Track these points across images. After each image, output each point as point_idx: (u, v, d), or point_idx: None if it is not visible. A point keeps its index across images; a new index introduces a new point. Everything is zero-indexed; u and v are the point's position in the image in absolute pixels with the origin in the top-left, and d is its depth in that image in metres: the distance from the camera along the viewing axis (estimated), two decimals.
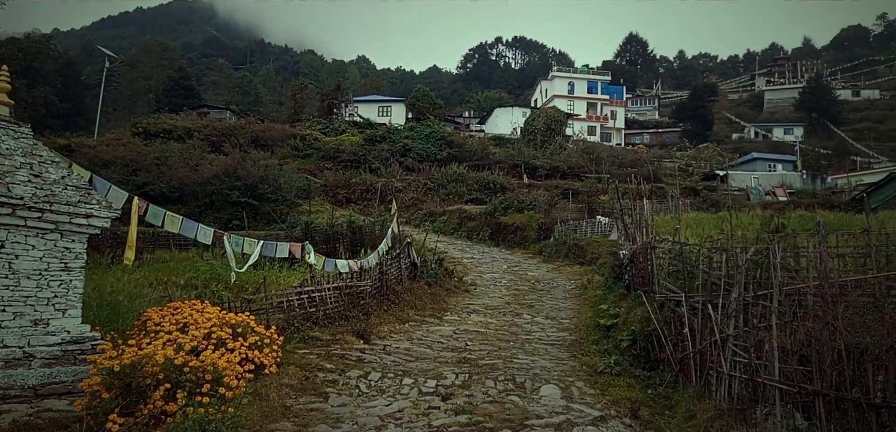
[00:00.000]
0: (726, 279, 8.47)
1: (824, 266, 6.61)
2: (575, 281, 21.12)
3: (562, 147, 64.01)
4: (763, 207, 32.08)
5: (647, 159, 60.97)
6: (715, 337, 7.98)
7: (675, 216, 19.69)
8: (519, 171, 54.04)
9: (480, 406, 7.89)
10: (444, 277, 18.71)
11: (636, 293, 12.38)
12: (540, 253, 29.49)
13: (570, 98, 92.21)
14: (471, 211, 39.67)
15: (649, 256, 12.12)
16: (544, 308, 16.20)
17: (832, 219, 23.40)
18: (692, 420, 7.32)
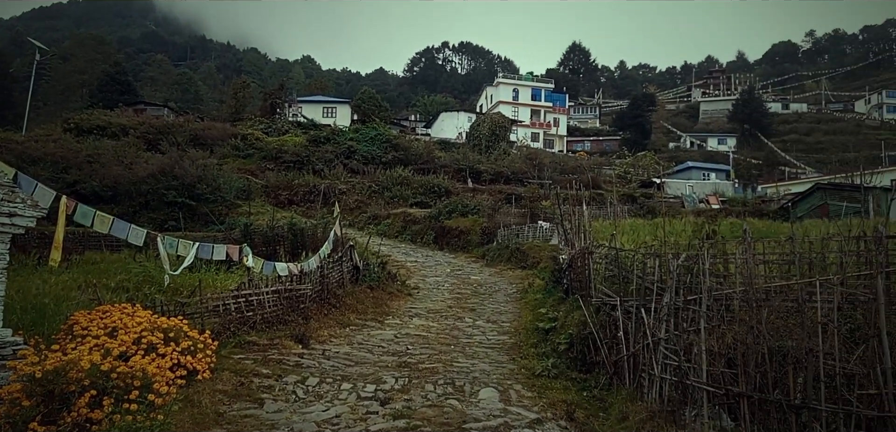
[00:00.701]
0: (659, 284, 8.73)
1: (750, 272, 6.90)
2: (516, 285, 21.36)
3: (506, 152, 64.78)
4: (697, 214, 33.17)
5: (587, 166, 62.34)
6: (647, 340, 8.21)
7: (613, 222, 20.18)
8: (464, 176, 54.38)
9: (419, 410, 7.88)
10: (387, 281, 18.63)
11: (574, 297, 12.63)
12: (483, 257, 29.72)
13: (515, 104, 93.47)
14: (415, 214, 39.67)
15: (587, 261, 12.37)
16: (486, 311, 16.32)
17: (761, 226, 24.48)
18: (625, 421, 7.51)
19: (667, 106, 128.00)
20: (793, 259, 9.72)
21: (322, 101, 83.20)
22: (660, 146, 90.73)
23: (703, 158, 79.70)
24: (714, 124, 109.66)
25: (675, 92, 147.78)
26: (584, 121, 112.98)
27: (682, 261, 8.58)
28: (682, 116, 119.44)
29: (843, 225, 13.37)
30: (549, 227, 30.32)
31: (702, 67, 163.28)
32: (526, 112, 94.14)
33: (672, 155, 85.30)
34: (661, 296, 8.42)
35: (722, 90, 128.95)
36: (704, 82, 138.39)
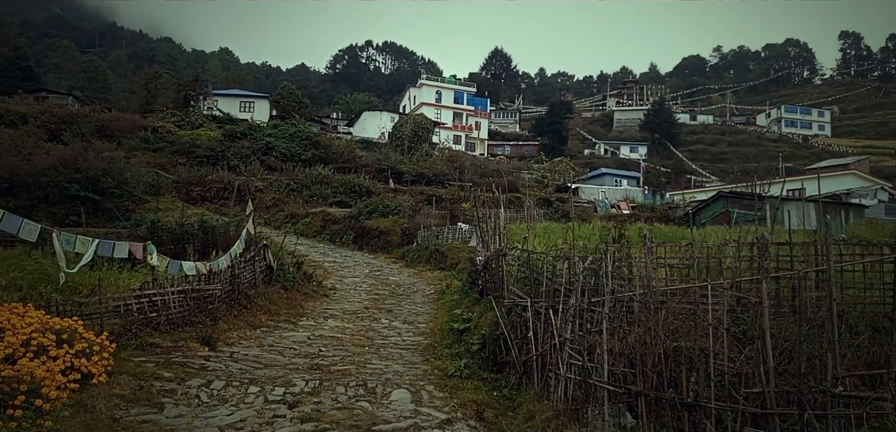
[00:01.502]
0: (567, 286, 8.99)
1: (649, 276, 7.20)
2: (435, 285, 21.47)
3: (428, 154, 65.06)
4: (608, 219, 34.40)
5: (507, 170, 63.47)
6: (555, 340, 8.43)
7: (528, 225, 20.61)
8: (385, 176, 54.18)
9: (328, 412, 7.78)
10: (303, 281, 18.29)
11: (488, 298, 12.82)
12: (403, 257, 29.69)
13: (438, 106, 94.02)
14: (335, 213, 39.17)
15: (500, 263, 12.59)
16: (403, 312, 16.31)
17: (667, 232, 25.65)
18: (531, 420, 7.68)
19: (583, 113, 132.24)
20: (692, 263, 10.25)
21: (239, 94, 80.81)
22: (576, 152, 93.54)
23: (616, 165, 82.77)
24: (627, 133, 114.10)
25: (592, 100, 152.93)
26: (505, 125, 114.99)
27: (588, 263, 8.87)
28: (598, 124, 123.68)
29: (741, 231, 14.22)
30: (469, 229, 30.65)
31: (617, 77, 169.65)
32: (448, 114, 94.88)
33: (587, 161, 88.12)
34: (569, 298, 8.69)
35: (635, 100, 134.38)
36: (619, 92, 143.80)
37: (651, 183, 71.78)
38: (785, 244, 10.40)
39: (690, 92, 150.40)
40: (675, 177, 77.91)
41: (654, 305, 6.53)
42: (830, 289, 4.97)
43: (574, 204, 47.77)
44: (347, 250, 31.95)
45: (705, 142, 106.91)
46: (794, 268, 9.79)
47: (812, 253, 10.60)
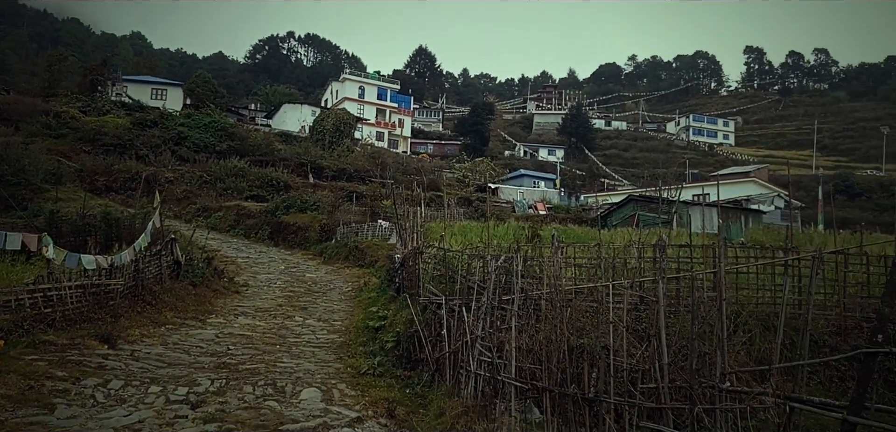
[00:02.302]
0: (480, 284, 9.12)
1: (556, 275, 7.40)
2: (353, 283, 21.26)
3: (350, 149, 64.33)
4: (525, 219, 35.11)
5: (429, 168, 63.69)
6: (467, 338, 8.54)
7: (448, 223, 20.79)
8: (305, 171, 53.18)
9: (234, 412, 7.57)
10: (213, 277, 17.69)
11: (404, 295, 12.82)
12: (321, 254, 29.24)
13: (361, 102, 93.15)
14: (250, 208, 38.09)
15: (417, 260, 12.62)
16: (318, 310, 16.07)
17: (580, 232, 26.41)
18: (442, 417, 7.74)
19: (504, 115, 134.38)
20: (599, 263, 10.63)
21: (151, 81, 77.20)
22: (496, 153, 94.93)
23: (535, 167, 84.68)
24: (545, 136, 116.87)
25: (513, 103, 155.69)
26: (428, 124, 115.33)
27: (500, 262, 9.03)
28: (518, 126, 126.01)
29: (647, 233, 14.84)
30: (389, 226, 30.53)
31: (537, 82, 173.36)
32: (371, 110, 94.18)
33: (507, 162, 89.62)
34: (482, 296, 8.81)
35: (554, 104, 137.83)
36: (539, 96, 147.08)
37: (567, 185, 73.81)
38: (685, 246, 10.95)
39: (606, 98, 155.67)
40: (590, 180, 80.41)
41: (560, 304, 6.71)
42: (721, 289, 5.27)
43: (493, 204, 48.51)
44: (263, 246, 31.16)
45: (619, 147, 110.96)
46: (693, 269, 10.32)
47: (709, 255, 11.22)
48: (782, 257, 10.25)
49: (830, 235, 17.99)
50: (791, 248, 9.87)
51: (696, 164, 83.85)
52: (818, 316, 10.39)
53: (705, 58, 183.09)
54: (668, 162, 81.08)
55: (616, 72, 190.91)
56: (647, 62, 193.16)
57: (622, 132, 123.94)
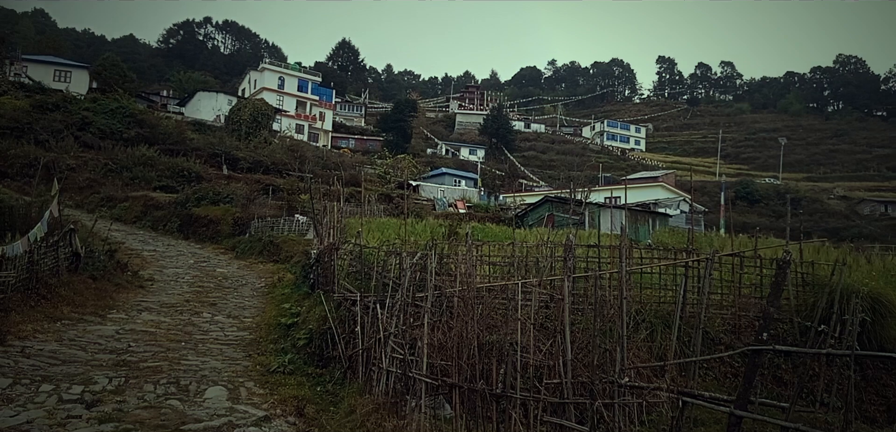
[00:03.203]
0: (395, 281, 9.10)
1: (469, 272, 7.48)
2: (266, 279, 20.74)
3: (267, 141, 62.69)
4: (445, 217, 35.34)
5: (350, 163, 63.01)
6: (380, 335, 8.51)
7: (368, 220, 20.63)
8: (219, 162, 51.44)
9: (132, 412, 7.22)
10: (115, 270, 16.82)
11: (319, 292, 12.63)
12: (233, 249, 28.37)
13: (280, 93, 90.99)
14: (159, 199, 36.47)
15: (333, 256, 12.46)
16: (228, 306, 15.57)
17: (498, 231, 26.81)
18: (352, 415, 7.68)
19: (427, 113, 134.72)
20: (512, 261, 10.83)
21: (54, 62, 72.58)
22: (419, 151, 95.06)
23: (456, 166, 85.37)
24: (467, 135, 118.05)
25: (436, 101, 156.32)
26: (350, 119, 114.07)
27: (416, 259, 9.04)
28: (440, 125, 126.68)
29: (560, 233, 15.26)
30: (306, 221, 29.97)
31: (460, 81, 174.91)
32: (291, 102, 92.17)
33: (429, 160, 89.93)
34: (396, 293, 8.80)
35: (476, 105, 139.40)
36: (461, 96, 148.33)
37: (487, 184, 74.83)
38: (593, 246, 11.33)
39: (526, 101, 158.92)
40: (509, 180, 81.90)
41: (471, 301, 6.79)
42: (622, 288, 5.47)
43: (414, 201, 48.52)
44: (171, 239, 29.91)
45: (537, 149, 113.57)
46: (599, 268, 10.69)
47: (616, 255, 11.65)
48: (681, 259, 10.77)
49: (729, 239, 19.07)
50: (691, 250, 10.38)
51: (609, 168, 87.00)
52: (715, 315, 11.00)
53: (621, 66, 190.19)
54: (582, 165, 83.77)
55: (536, 75, 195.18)
56: (566, 67, 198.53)
57: (541, 134, 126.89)
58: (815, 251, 14.83)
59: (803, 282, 11.55)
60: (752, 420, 4.68)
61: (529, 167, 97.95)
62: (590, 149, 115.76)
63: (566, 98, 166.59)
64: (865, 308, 10.64)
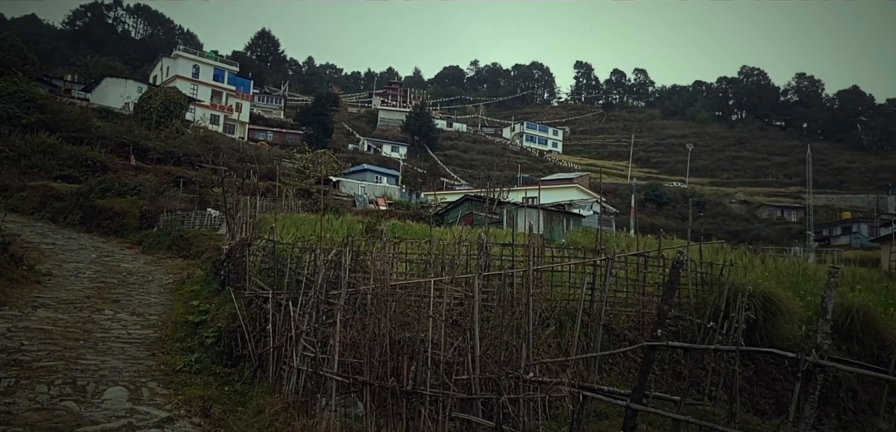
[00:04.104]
0: (308, 277, 8.99)
1: (382, 269, 7.49)
2: (175, 275, 19.97)
3: (180, 132, 60.21)
4: (365, 214, 35.15)
5: (267, 156, 61.49)
6: (292, 333, 8.38)
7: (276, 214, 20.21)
8: (127, 151, 49.04)
9: (22, 415, 6.82)
10: (9, 264, 15.71)
11: (229, 289, 12.29)
12: (140, 243, 27.15)
13: (195, 82, 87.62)
14: (60, 189, 34.38)
15: (245, 252, 12.15)
16: (132, 303, 14.88)
17: (418, 229, 26.90)
18: (260, 414, 7.54)
19: (349, 108, 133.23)
20: (430, 259, 10.91)
21: None
22: (340, 146, 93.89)
23: (378, 163, 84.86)
24: (390, 132, 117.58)
25: (358, 96, 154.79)
26: (269, 111, 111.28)
27: (331, 256, 8.96)
28: (363, 120, 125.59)
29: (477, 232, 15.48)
30: (219, 216, 29.05)
31: (383, 77, 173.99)
32: (206, 92, 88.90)
33: (350, 156, 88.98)
34: (310, 290, 8.69)
35: (399, 102, 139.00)
36: (384, 92, 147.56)
37: (409, 182, 74.83)
38: (508, 245, 11.58)
39: (449, 100, 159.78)
40: (431, 178, 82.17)
41: (385, 298, 6.80)
42: (529, 286, 5.63)
43: (334, 197, 47.97)
44: (73, 232, 28.27)
45: (459, 148, 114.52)
46: (514, 266, 10.93)
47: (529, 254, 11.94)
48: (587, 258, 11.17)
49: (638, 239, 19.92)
50: (599, 250, 10.79)
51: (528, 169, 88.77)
52: (621, 312, 11.48)
53: (540, 69, 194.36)
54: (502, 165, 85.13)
55: (459, 75, 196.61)
56: (488, 68, 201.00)
57: (463, 134, 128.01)
58: (714, 252, 15.73)
59: (702, 281, 12.23)
60: (647, 412, 4.92)
61: (451, 166, 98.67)
62: (510, 150, 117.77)
63: (488, 99, 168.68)
64: (758, 306, 11.41)
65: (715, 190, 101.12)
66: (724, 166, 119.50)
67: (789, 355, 4.37)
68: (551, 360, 6.54)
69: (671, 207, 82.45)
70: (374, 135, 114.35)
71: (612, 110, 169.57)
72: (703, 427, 4.38)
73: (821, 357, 4.27)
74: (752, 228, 78.60)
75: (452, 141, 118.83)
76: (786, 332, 11.43)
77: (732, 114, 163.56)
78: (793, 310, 11.65)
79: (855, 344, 12.14)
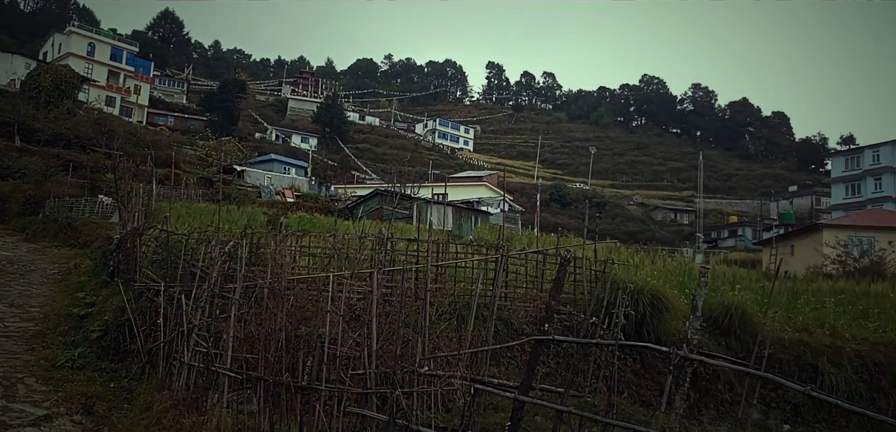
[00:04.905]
0: (203, 270, 8.70)
1: (281, 263, 7.37)
2: (60, 265, 18.76)
3: (71, 113, 56.47)
4: (271, 205, 34.31)
5: (168, 143, 58.76)
6: (184, 327, 8.10)
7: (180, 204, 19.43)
8: (11, 132, 45.53)
9: None
10: None
11: (118, 281, 11.69)
12: (23, 230, 25.35)
13: (90, 61, 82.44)
14: None
15: (136, 242, 11.59)
16: (11, 294, 13.85)
17: (326, 222, 26.55)
18: (148, 411, 7.25)
19: (257, 96, 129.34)
20: (333, 252, 10.81)
21: None
22: (246, 134, 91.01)
23: (286, 153, 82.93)
24: (300, 122, 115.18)
25: (267, 84, 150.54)
26: (170, 95, 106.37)
27: (227, 248, 8.71)
28: (271, 109, 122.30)
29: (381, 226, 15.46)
30: (112, 203, 27.51)
31: (294, 66, 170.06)
32: (103, 72, 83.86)
33: (257, 145, 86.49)
34: (205, 283, 8.41)
35: (310, 92, 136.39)
36: (295, 81, 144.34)
37: (318, 174, 73.63)
38: (413, 240, 11.66)
39: (362, 93, 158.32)
40: (342, 171, 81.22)
41: (281, 292, 6.70)
42: (426, 281, 5.71)
43: (238, 187, 46.50)
44: None
45: (371, 142, 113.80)
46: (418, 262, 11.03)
47: (435, 249, 12.08)
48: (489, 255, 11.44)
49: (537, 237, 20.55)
50: (501, 247, 11.06)
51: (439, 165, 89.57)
52: (520, 307, 11.82)
53: (454, 67, 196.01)
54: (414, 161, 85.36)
55: (373, 68, 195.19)
56: (403, 63, 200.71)
57: (375, 128, 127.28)
58: (608, 251, 16.47)
59: (596, 278, 12.77)
60: (534, 404, 5.11)
61: (363, 159, 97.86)
62: (422, 146, 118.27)
63: (401, 93, 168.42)
64: (646, 303, 12.06)
65: (615, 192, 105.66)
66: (624, 170, 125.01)
67: (662, 349, 4.69)
68: (446, 354, 6.67)
69: (574, 207, 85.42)
70: (284, 124, 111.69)
71: (522, 111, 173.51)
72: (584, 417, 4.62)
73: (690, 351, 4.60)
74: (648, 229, 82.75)
75: (365, 134, 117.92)
76: (671, 328, 12.13)
77: (633, 120, 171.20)
78: (678, 307, 12.35)
79: (733, 340, 13.04)
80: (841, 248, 33.13)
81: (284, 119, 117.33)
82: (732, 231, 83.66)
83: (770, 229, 70.87)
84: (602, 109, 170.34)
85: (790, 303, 16.29)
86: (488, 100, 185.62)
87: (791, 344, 13.16)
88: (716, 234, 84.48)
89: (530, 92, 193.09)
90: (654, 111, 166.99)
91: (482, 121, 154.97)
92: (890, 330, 14.24)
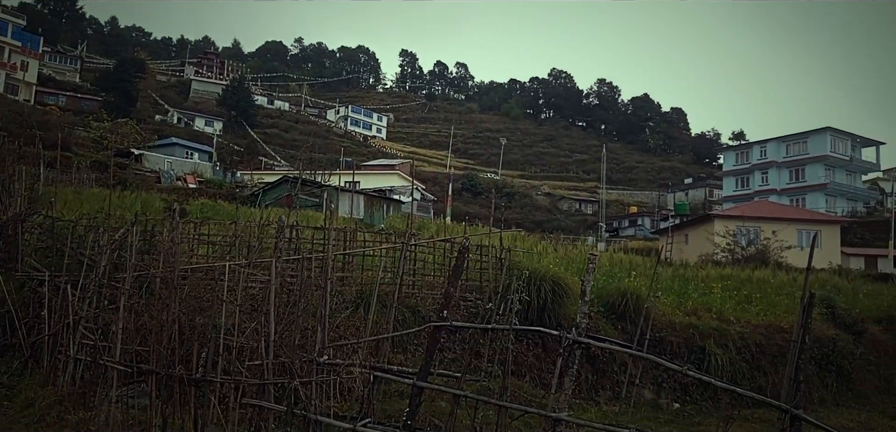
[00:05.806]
0: (91, 259, 8.26)
1: (173, 252, 7.11)
2: None
3: None
4: (172, 191, 32.87)
5: (58, 123, 54.93)
6: (70, 319, 7.67)
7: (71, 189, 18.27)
8: None
9: None
10: None
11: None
12: None
13: None
14: None
15: (18, 229, 10.83)
16: None
17: (230, 209, 25.70)
18: (30, 408, 6.85)
19: (158, 76, 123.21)
20: (234, 241, 10.51)
21: None
22: (145, 116, 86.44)
23: (189, 137, 79.44)
24: (204, 105, 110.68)
25: (169, 64, 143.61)
26: (62, 72, 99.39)
27: (117, 236, 8.31)
28: (173, 91, 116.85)
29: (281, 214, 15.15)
30: None
31: (198, 46, 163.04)
32: None
33: (157, 128, 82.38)
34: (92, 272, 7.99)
35: (215, 73, 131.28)
36: (199, 62, 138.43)
37: (224, 160, 71.06)
38: (320, 228, 11.52)
39: (271, 76, 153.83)
40: (249, 157, 78.68)
41: (174, 282, 6.47)
42: (326, 270, 5.68)
43: (136, 171, 44.20)
44: None
45: (280, 127, 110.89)
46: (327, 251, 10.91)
47: (342, 238, 12.00)
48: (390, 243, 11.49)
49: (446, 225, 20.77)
50: (409, 235, 11.12)
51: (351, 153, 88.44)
52: (428, 295, 11.95)
53: (367, 53, 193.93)
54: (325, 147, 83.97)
55: (282, 51, 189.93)
56: (314, 47, 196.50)
57: (285, 112, 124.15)
58: (513, 239, 16.91)
59: (501, 265, 13.08)
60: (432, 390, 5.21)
61: (271, 145, 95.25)
62: (334, 133, 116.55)
63: (312, 78, 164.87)
64: (548, 289, 12.50)
65: (524, 182, 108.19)
66: (533, 161, 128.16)
67: (553, 333, 4.89)
68: (345, 342, 6.66)
69: (485, 197, 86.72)
70: (186, 107, 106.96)
71: (435, 101, 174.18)
72: (479, 400, 4.76)
73: (579, 335, 4.83)
74: (555, 219, 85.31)
75: (274, 119, 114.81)
76: (571, 312, 12.62)
77: (542, 113, 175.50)
78: (578, 293, 12.85)
79: (629, 324, 13.72)
80: (730, 237, 35.41)
81: (187, 101, 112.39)
82: (632, 221, 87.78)
83: (667, 219, 74.85)
84: (512, 101, 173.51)
85: (682, 288, 17.34)
86: (402, 88, 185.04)
87: (682, 327, 14.03)
88: (617, 224, 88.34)
89: (443, 82, 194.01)
90: (561, 104, 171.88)
91: (395, 109, 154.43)
92: (770, 313, 15.46)
